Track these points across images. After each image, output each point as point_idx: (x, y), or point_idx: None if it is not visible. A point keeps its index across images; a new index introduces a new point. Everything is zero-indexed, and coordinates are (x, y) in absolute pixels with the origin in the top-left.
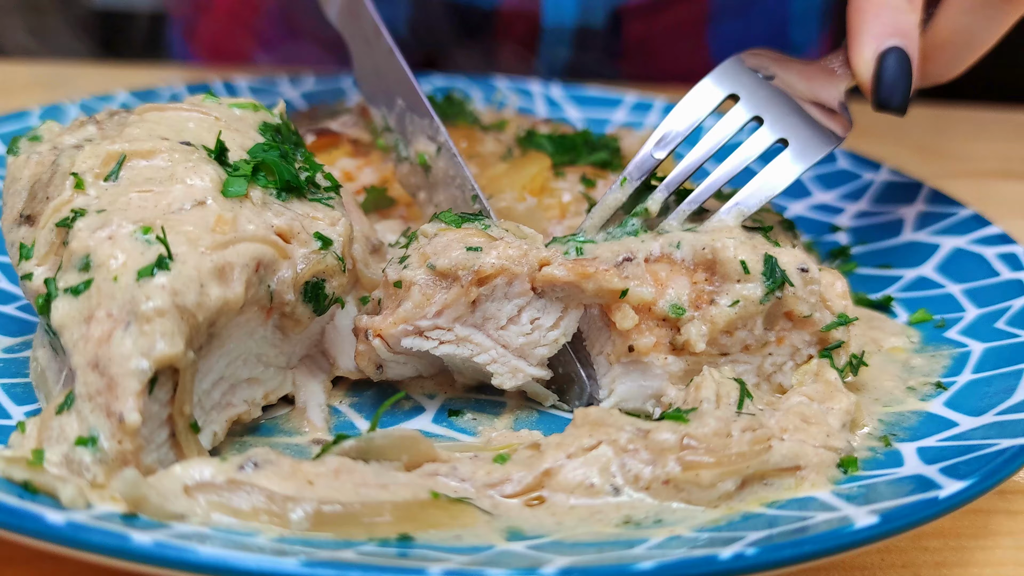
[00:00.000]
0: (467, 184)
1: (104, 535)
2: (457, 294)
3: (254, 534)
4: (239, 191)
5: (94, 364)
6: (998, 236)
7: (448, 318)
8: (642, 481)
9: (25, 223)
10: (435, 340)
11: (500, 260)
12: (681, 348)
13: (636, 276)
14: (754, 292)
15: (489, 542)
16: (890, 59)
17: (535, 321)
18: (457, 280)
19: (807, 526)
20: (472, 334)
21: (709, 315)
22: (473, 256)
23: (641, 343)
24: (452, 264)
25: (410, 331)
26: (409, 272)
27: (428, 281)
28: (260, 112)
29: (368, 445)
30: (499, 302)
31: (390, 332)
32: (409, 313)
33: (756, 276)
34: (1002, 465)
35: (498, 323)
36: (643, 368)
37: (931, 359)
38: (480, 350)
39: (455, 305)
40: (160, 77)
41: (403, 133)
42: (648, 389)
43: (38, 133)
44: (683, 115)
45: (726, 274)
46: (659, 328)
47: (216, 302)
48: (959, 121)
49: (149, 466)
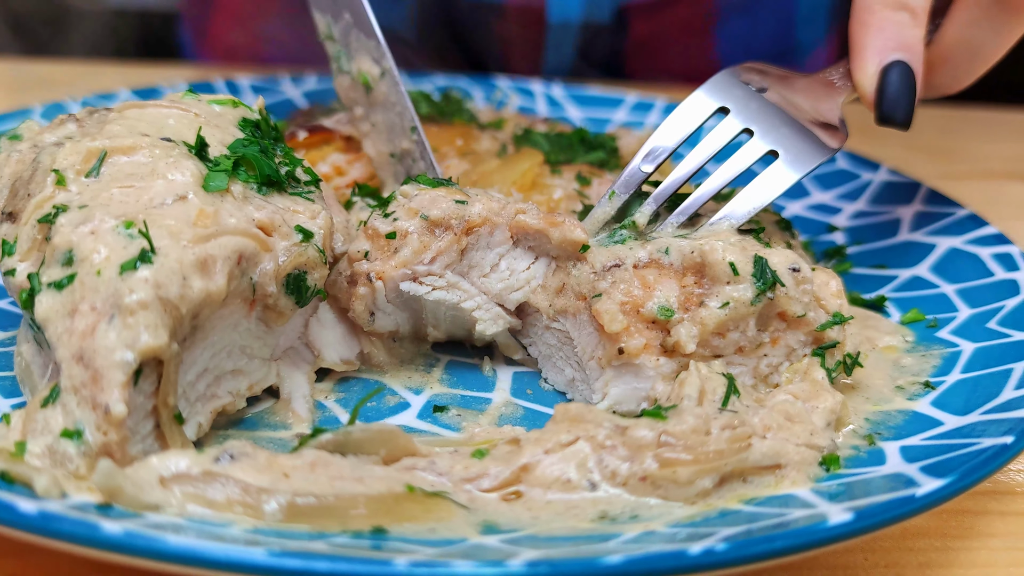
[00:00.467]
0: (407, 114)
1: (74, 524)
2: (450, 241)
3: (228, 525)
4: (220, 185)
5: (79, 357)
6: (994, 236)
7: (441, 265)
8: (619, 477)
9: (7, 220)
10: (428, 286)
11: (485, 210)
12: (672, 350)
13: (624, 280)
14: (744, 293)
15: (463, 536)
16: (893, 74)
17: (511, 267)
18: (449, 228)
19: (781, 523)
20: (460, 281)
21: (699, 317)
22: (462, 207)
23: (630, 345)
24: (444, 214)
25: (408, 275)
26: (403, 223)
27: (423, 229)
28: (240, 108)
29: (346, 438)
30: (483, 251)
31: (391, 275)
32: (408, 258)
33: (746, 277)
34: (982, 464)
35: (481, 271)
36: (635, 370)
37: (921, 359)
38: (467, 296)
39: (448, 252)
40: (164, 76)
41: (347, 47)
42: (642, 391)
43: (18, 132)
44: (672, 128)
45: (715, 276)
46: (649, 330)
47: (199, 294)
48: (969, 122)
49: (134, 457)
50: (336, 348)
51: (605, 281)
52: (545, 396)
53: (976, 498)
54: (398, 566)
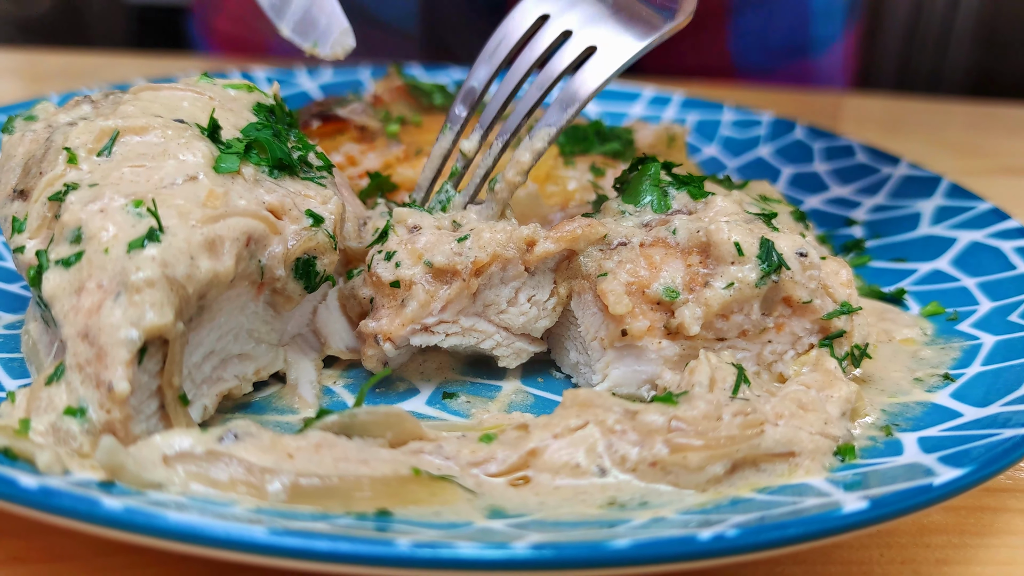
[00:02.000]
0: None
1: (74, 499)
2: (459, 288)
3: (231, 505)
4: (231, 167)
5: (84, 334)
6: (1016, 230)
7: (452, 312)
8: (629, 462)
9: (18, 198)
10: (441, 334)
11: (491, 245)
12: (675, 332)
13: (630, 260)
14: (749, 274)
15: (468, 520)
16: None
17: (532, 298)
18: (457, 274)
19: (794, 511)
20: (476, 323)
21: (703, 297)
22: (466, 247)
23: (635, 327)
24: (449, 260)
25: (417, 329)
26: (406, 272)
27: (427, 278)
28: (254, 93)
29: (352, 421)
30: (496, 288)
31: (400, 334)
32: (416, 313)
33: (751, 258)
34: (1001, 455)
35: (498, 308)
36: (637, 353)
37: (941, 351)
38: (484, 336)
39: (458, 299)
40: (180, 67)
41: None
42: (643, 374)
43: (33, 112)
44: (495, 46)
45: (720, 256)
46: (653, 312)
47: (206, 274)
48: (993, 118)
49: (137, 436)
50: (342, 336)
51: (611, 260)
52: (556, 384)
53: (995, 495)
54: (400, 547)
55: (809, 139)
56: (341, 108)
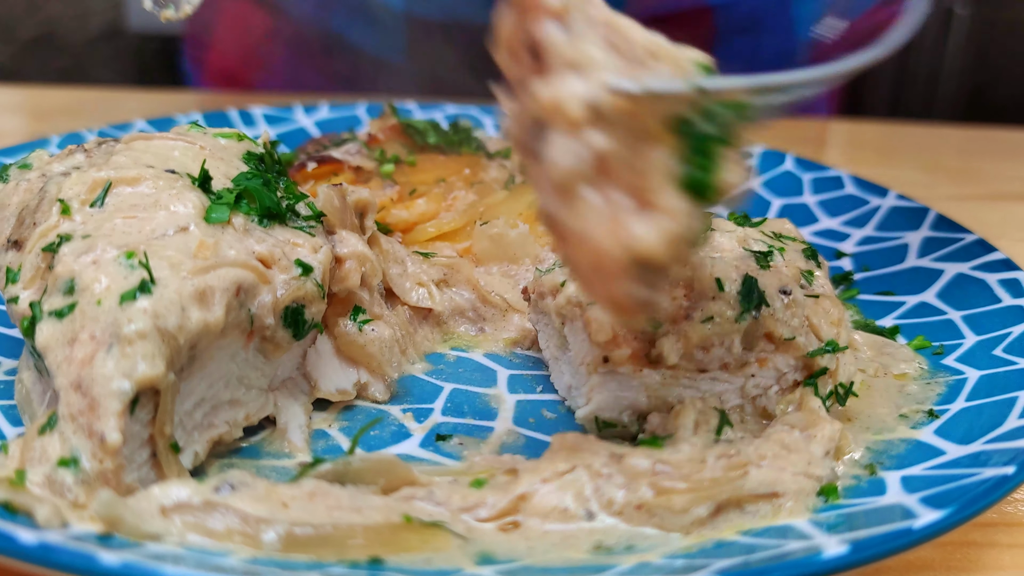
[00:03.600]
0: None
1: (72, 555)
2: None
3: (227, 554)
4: (221, 218)
5: (77, 385)
6: (1001, 262)
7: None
8: (615, 505)
9: (12, 248)
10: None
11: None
12: (656, 361)
13: None
14: (726, 310)
15: (458, 566)
16: None
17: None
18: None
19: (776, 555)
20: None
21: (683, 330)
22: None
23: (616, 355)
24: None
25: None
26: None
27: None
28: (244, 142)
29: (345, 468)
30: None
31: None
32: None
33: (731, 295)
34: (981, 495)
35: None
36: (620, 379)
37: (926, 386)
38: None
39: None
40: (177, 105)
41: None
42: (624, 400)
43: (27, 161)
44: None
45: (702, 291)
46: (636, 341)
47: (197, 325)
48: (988, 142)
49: (130, 486)
50: (332, 379)
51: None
52: (547, 425)
53: (983, 530)
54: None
55: (799, 170)
56: (336, 148)
